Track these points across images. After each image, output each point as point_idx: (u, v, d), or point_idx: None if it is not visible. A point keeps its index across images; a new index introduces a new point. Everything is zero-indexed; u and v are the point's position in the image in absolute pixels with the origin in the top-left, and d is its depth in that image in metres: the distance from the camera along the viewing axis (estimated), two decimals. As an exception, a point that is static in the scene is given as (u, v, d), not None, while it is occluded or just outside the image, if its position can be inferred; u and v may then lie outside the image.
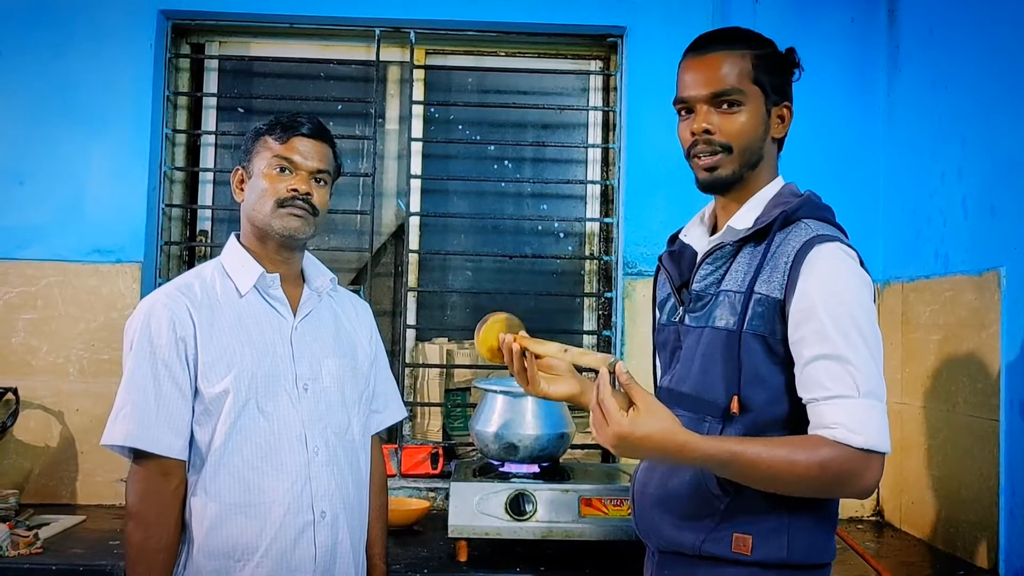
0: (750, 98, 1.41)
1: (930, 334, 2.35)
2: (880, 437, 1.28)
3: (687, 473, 1.40)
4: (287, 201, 1.64)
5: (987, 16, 2.21)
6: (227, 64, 2.91)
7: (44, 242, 2.62)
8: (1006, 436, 2.02)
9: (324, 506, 1.63)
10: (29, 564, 1.97)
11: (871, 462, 1.28)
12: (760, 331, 1.35)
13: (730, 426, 1.36)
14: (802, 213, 1.40)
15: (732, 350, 1.36)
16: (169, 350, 1.57)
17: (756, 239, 1.41)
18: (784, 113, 1.46)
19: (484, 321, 1.56)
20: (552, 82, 2.97)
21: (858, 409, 1.27)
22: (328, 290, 1.78)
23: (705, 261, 1.46)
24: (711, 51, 1.42)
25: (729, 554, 1.36)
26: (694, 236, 1.53)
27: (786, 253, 1.35)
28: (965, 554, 2.17)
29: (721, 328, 1.38)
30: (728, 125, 1.40)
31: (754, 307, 1.35)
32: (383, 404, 1.87)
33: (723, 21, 2.70)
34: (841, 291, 1.31)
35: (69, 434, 2.57)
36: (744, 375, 1.35)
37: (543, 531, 1.99)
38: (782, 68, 1.46)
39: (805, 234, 1.35)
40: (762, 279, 1.36)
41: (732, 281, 1.40)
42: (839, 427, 1.27)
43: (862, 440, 1.26)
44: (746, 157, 1.42)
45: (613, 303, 2.80)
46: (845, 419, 1.27)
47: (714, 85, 1.40)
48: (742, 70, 1.40)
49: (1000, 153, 2.12)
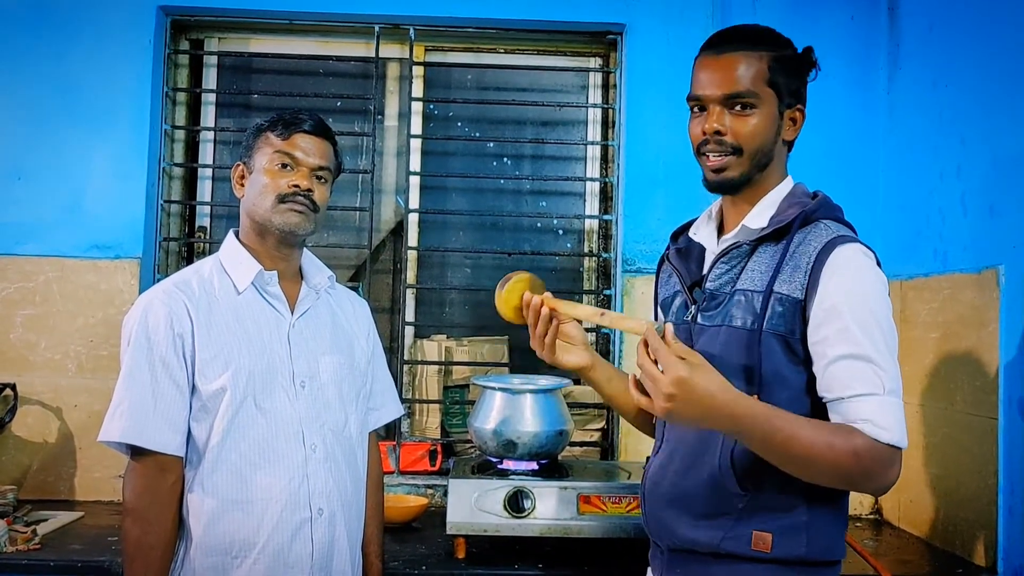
0: (764, 101, 1.40)
1: (929, 332, 2.36)
2: (903, 434, 1.30)
3: (704, 471, 1.40)
4: (288, 197, 1.64)
5: (987, 15, 2.21)
6: (226, 60, 2.91)
7: (43, 238, 2.61)
8: (1004, 434, 2.03)
9: (321, 503, 1.63)
10: (27, 560, 1.97)
11: (895, 458, 1.30)
12: (780, 330, 1.35)
13: None
14: (820, 214, 1.40)
15: (751, 349, 1.36)
16: (166, 347, 1.57)
17: (773, 238, 1.41)
18: (797, 116, 1.45)
19: (507, 279, 1.53)
20: (551, 79, 2.96)
21: (885, 406, 1.29)
22: (326, 288, 1.78)
23: (720, 260, 1.45)
24: (728, 51, 1.41)
25: (748, 552, 1.37)
26: (704, 234, 1.53)
27: (807, 253, 1.35)
28: (963, 552, 2.17)
29: (739, 327, 1.38)
30: (740, 127, 1.40)
31: (774, 306, 1.35)
32: (380, 401, 1.87)
33: (723, 19, 2.70)
34: (863, 292, 1.32)
35: (67, 430, 2.57)
36: (764, 374, 1.36)
37: (541, 528, 1.99)
38: (799, 70, 1.45)
39: (825, 235, 1.36)
40: (782, 279, 1.36)
41: (749, 280, 1.40)
42: (868, 423, 1.28)
43: (889, 436, 1.28)
44: (756, 159, 1.42)
45: (612, 300, 2.79)
46: (873, 415, 1.28)
47: (729, 86, 1.40)
48: (758, 72, 1.40)
49: (1000, 152, 2.12)
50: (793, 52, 1.45)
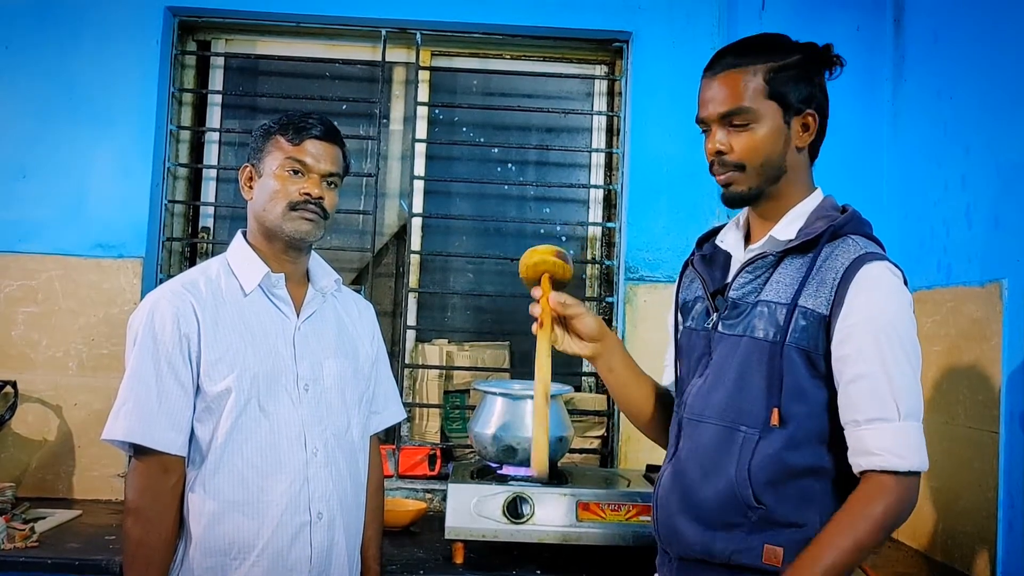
0: (762, 115, 1.40)
1: (931, 345, 2.35)
2: (923, 458, 1.31)
3: (721, 481, 1.40)
4: (299, 204, 1.64)
5: (992, 26, 2.21)
6: (232, 62, 2.92)
7: (46, 236, 2.62)
8: (1005, 448, 2.02)
9: (321, 507, 1.63)
10: (25, 558, 1.97)
11: (914, 483, 1.31)
12: (803, 345, 1.35)
13: (767, 437, 1.36)
14: (848, 229, 1.40)
15: (773, 362, 1.36)
16: (172, 347, 1.57)
17: (800, 251, 1.40)
18: (809, 121, 1.43)
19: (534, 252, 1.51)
20: (557, 86, 2.97)
21: (900, 434, 1.30)
22: (333, 291, 1.78)
23: (745, 269, 1.45)
24: (723, 69, 1.42)
25: (759, 564, 1.36)
26: (731, 242, 1.52)
27: (834, 269, 1.35)
28: (963, 566, 2.16)
29: (761, 339, 1.38)
30: (739, 144, 1.40)
31: (797, 320, 1.35)
32: (383, 405, 1.87)
33: (729, 28, 2.70)
34: (888, 311, 1.32)
35: (67, 428, 2.56)
36: (785, 388, 1.35)
37: (540, 535, 1.99)
38: (808, 75, 1.43)
39: (854, 251, 1.35)
40: (807, 293, 1.36)
41: (773, 292, 1.39)
42: (885, 453, 1.29)
43: (908, 464, 1.29)
44: (764, 173, 1.42)
45: (614, 308, 2.79)
46: (890, 444, 1.29)
47: (723, 105, 1.40)
48: (755, 87, 1.39)
49: (1005, 163, 2.12)
50: (800, 57, 1.43)
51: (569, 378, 2.79)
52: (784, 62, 1.42)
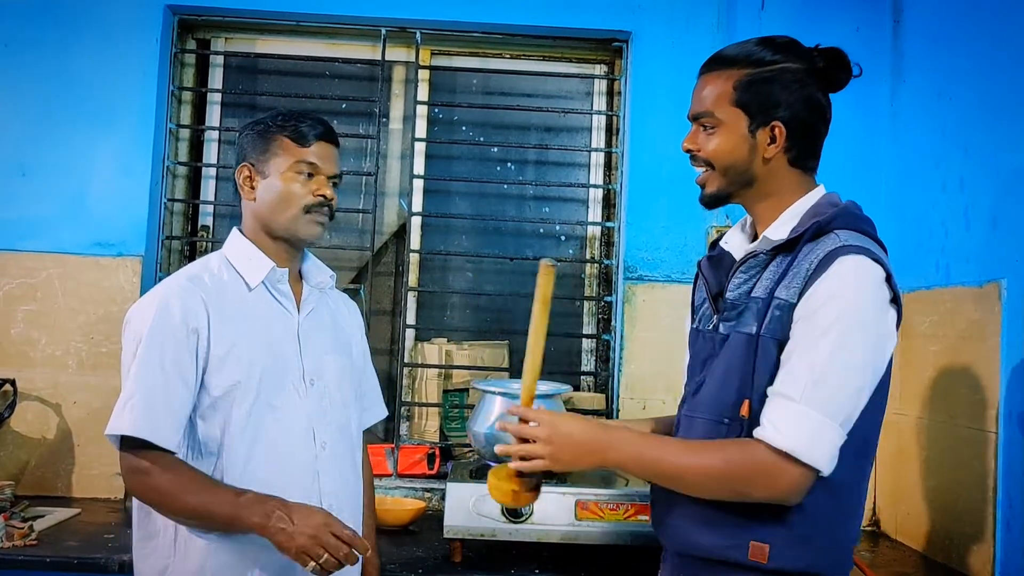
0: (724, 122, 1.42)
1: (929, 345, 2.35)
2: (808, 446, 1.28)
3: None
4: (314, 207, 1.65)
5: (991, 28, 2.21)
6: (232, 60, 2.91)
7: (45, 234, 2.62)
8: (1003, 448, 2.02)
9: (331, 500, 1.64)
10: (23, 556, 1.97)
11: (788, 467, 1.28)
12: (776, 335, 1.35)
13: (743, 430, 1.36)
14: (836, 224, 1.38)
15: (750, 354, 1.37)
16: (181, 343, 1.56)
17: (788, 248, 1.41)
18: (776, 133, 1.41)
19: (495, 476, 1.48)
20: (556, 85, 2.97)
21: (794, 415, 1.29)
22: (328, 287, 1.79)
23: (739, 269, 1.46)
24: (706, 71, 1.47)
25: (746, 560, 1.36)
26: (734, 243, 1.53)
27: (810, 260, 1.35)
28: (960, 565, 2.17)
29: (745, 333, 1.39)
30: (707, 145, 1.45)
31: (773, 311, 1.36)
32: (370, 401, 1.90)
33: (728, 29, 2.71)
34: (843, 301, 1.30)
35: (66, 427, 2.56)
36: (757, 378, 1.36)
37: (539, 534, 1.99)
38: (785, 86, 1.40)
39: (832, 244, 1.35)
40: (783, 285, 1.36)
41: (761, 289, 1.40)
42: (768, 424, 1.30)
43: (783, 441, 1.28)
44: (730, 177, 1.44)
45: (613, 307, 2.80)
46: (777, 418, 1.30)
47: (695, 106, 1.46)
48: (721, 93, 1.42)
49: (1003, 165, 2.12)
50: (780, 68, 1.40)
51: (569, 378, 2.80)
52: (757, 71, 1.40)
